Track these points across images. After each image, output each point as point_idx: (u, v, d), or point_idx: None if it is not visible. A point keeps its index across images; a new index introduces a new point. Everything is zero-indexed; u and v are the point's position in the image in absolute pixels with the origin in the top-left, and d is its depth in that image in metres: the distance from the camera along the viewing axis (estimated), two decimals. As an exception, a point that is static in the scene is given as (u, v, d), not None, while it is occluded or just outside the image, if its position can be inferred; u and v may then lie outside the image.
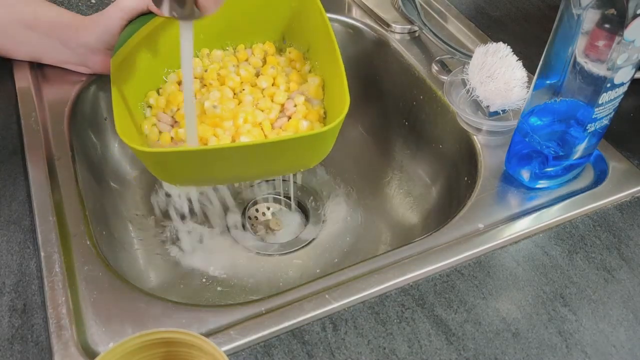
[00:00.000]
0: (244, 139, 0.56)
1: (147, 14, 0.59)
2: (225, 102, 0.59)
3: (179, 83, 0.62)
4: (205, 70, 0.62)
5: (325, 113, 0.59)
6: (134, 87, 0.57)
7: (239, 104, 0.60)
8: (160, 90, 0.61)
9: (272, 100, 0.60)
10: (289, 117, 0.59)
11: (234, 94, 0.61)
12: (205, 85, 0.62)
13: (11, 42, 0.63)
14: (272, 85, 0.62)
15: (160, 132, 0.57)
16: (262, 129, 0.58)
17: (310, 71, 0.64)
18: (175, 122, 0.59)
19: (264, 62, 0.65)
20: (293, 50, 0.65)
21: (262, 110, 0.59)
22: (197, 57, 0.64)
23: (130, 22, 0.58)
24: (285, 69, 0.64)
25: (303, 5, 0.62)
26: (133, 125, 0.55)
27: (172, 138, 0.57)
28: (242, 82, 0.62)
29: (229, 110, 0.58)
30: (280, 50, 0.67)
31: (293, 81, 0.62)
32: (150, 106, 0.59)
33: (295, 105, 0.59)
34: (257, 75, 0.63)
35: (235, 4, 0.62)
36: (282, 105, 0.60)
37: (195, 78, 0.62)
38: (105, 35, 0.60)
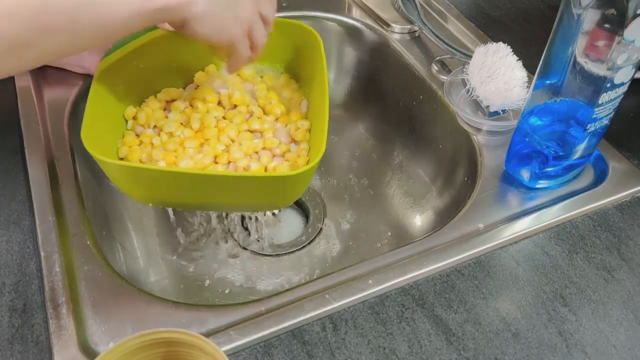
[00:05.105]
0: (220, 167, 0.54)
1: None
2: (208, 126, 0.56)
3: (169, 101, 0.60)
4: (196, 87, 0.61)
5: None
6: (117, 97, 0.56)
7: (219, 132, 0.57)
8: (143, 104, 0.59)
9: (262, 134, 0.58)
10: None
11: (223, 117, 0.58)
12: (191, 105, 0.59)
13: None
14: (264, 113, 0.60)
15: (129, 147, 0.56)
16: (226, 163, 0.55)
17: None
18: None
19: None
20: (294, 92, 0.63)
21: (245, 152, 0.57)
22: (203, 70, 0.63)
23: None
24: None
25: (307, 46, 0.60)
26: (105, 134, 0.54)
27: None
28: (235, 106, 0.59)
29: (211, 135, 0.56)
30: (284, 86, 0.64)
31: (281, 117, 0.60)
32: (129, 119, 0.57)
33: (284, 152, 0.58)
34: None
35: None
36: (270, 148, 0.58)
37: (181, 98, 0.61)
38: None
